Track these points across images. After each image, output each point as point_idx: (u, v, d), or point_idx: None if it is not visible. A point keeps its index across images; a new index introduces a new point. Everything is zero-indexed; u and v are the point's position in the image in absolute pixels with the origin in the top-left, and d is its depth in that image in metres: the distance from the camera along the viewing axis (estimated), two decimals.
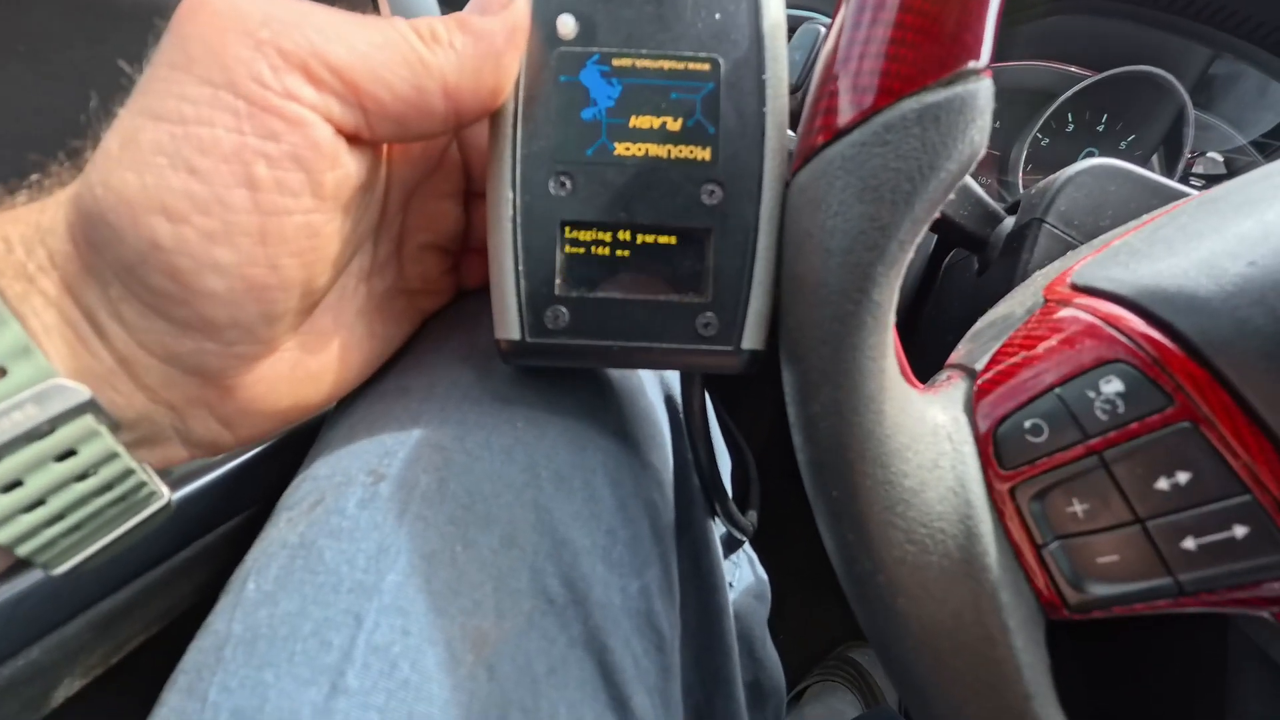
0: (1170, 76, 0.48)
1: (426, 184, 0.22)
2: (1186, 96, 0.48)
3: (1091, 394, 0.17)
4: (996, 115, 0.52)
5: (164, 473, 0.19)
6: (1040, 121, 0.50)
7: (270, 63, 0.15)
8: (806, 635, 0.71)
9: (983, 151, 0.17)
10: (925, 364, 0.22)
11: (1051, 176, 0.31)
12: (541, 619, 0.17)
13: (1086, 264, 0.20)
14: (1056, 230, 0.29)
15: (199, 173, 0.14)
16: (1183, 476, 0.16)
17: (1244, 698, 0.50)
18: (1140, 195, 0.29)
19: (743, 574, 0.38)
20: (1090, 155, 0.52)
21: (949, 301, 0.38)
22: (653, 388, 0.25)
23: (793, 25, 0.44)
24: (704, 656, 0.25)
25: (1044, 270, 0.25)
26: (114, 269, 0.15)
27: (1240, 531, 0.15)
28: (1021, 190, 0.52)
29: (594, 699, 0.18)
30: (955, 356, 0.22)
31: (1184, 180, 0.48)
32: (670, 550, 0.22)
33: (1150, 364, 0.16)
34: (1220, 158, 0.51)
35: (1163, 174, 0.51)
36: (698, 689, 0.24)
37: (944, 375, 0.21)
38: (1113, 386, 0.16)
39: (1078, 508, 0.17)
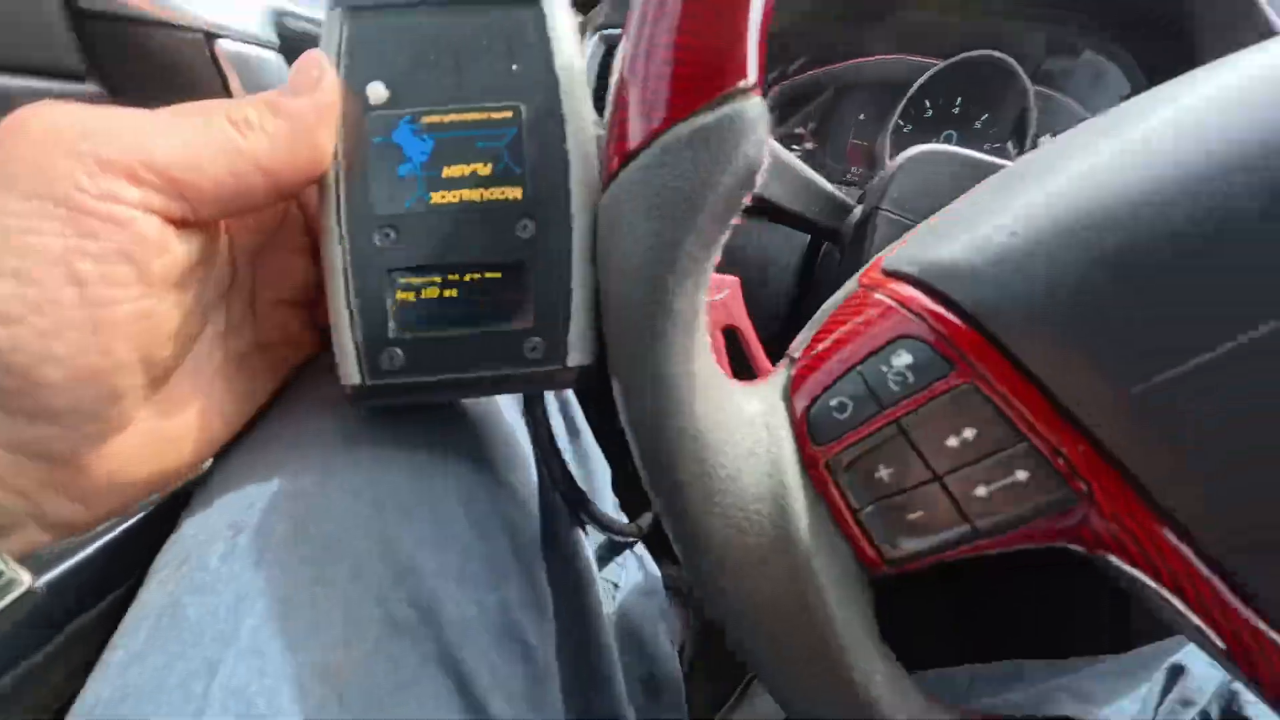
0: (1008, 59, 0.52)
1: (271, 243, 0.23)
2: (1025, 78, 0.52)
3: (885, 369, 0.18)
4: (861, 108, 0.56)
5: (34, 555, 0.19)
6: (898, 111, 0.53)
7: (88, 171, 0.16)
8: None
9: (761, 164, 0.18)
10: None
11: (887, 167, 0.33)
12: (388, 642, 0.18)
13: (897, 250, 0.22)
14: (894, 215, 0.32)
15: (26, 278, 0.15)
16: (969, 433, 0.17)
17: (1136, 613, 0.54)
18: (965, 174, 0.32)
19: (630, 574, 0.40)
20: (949, 138, 0.56)
21: (826, 291, 0.41)
22: (512, 412, 0.26)
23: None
24: (580, 658, 0.26)
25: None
26: None
27: (1022, 475, 0.17)
28: None
29: (448, 709, 0.19)
30: (791, 345, 0.24)
31: None
32: (535, 562, 0.23)
33: (935, 336, 0.18)
34: None
35: (1015, 154, 0.55)
36: (578, 692, 0.25)
37: (780, 364, 0.23)
38: (902, 360, 0.18)
39: (884, 473, 0.18)
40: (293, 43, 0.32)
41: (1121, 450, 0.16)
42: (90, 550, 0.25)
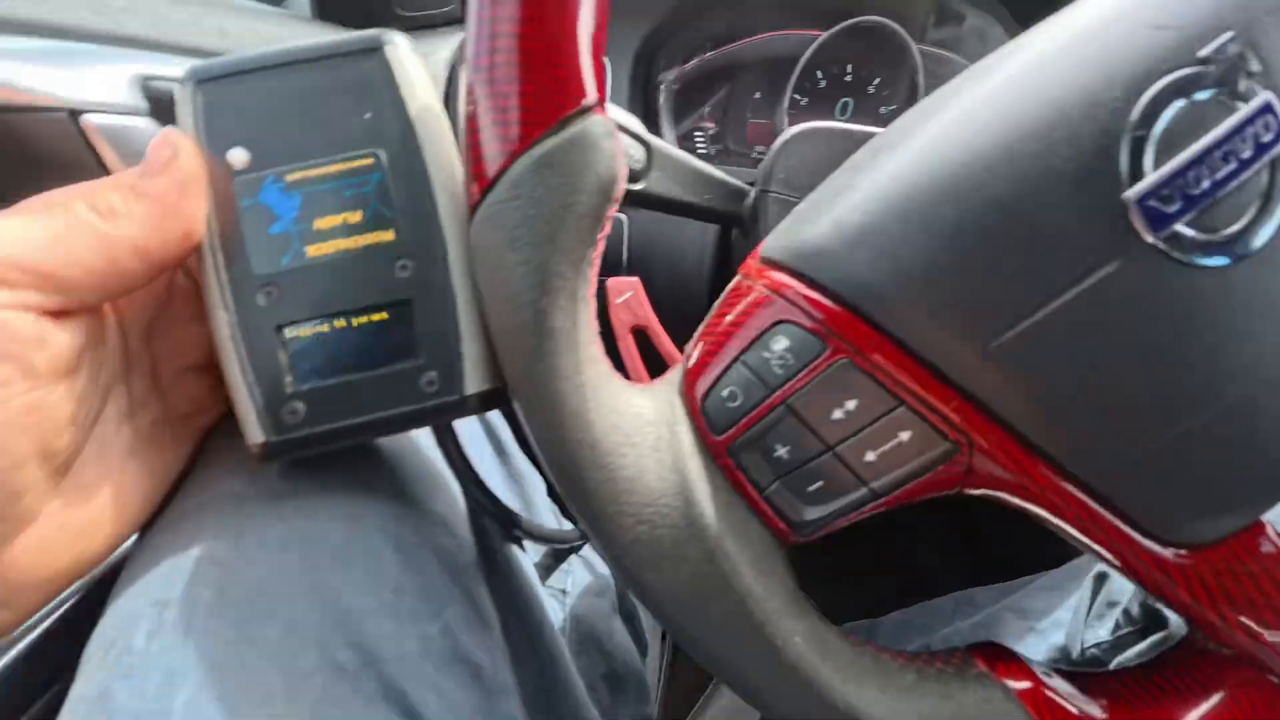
0: (889, 23, 0.54)
1: (164, 315, 0.22)
2: (909, 40, 0.54)
3: (767, 355, 0.19)
4: (754, 87, 0.56)
5: None
6: (790, 86, 0.55)
7: None
8: None
9: (616, 176, 0.19)
10: None
11: (769, 149, 0.34)
12: (334, 688, 0.19)
13: (771, 237, 0.23)
14: (782, 196, 0.33)
15: None
16: (851, 404, 0.19)
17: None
18: (845, 146, 0.33)
19: (577, 578, 0.41)
20: (845, 105, 0.58)
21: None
22: (429, 442, 0.27)
23: None
24: (537, 672, 0.27)
25: None
26: None
27: (905, 436, 0.19)
28: None
29: None
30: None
31: None
32: (474, 584, 0.24)
33: (806, 317, 0.19)
34: None
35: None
36: (541, 703, 0.26)
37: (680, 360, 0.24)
38: (781, 344, 0.19)
39: (781, 451, 0.20)
40: (163, 105, 0.31)
41: (990, 400, 0.18)
42: (22, 646, 0.25)
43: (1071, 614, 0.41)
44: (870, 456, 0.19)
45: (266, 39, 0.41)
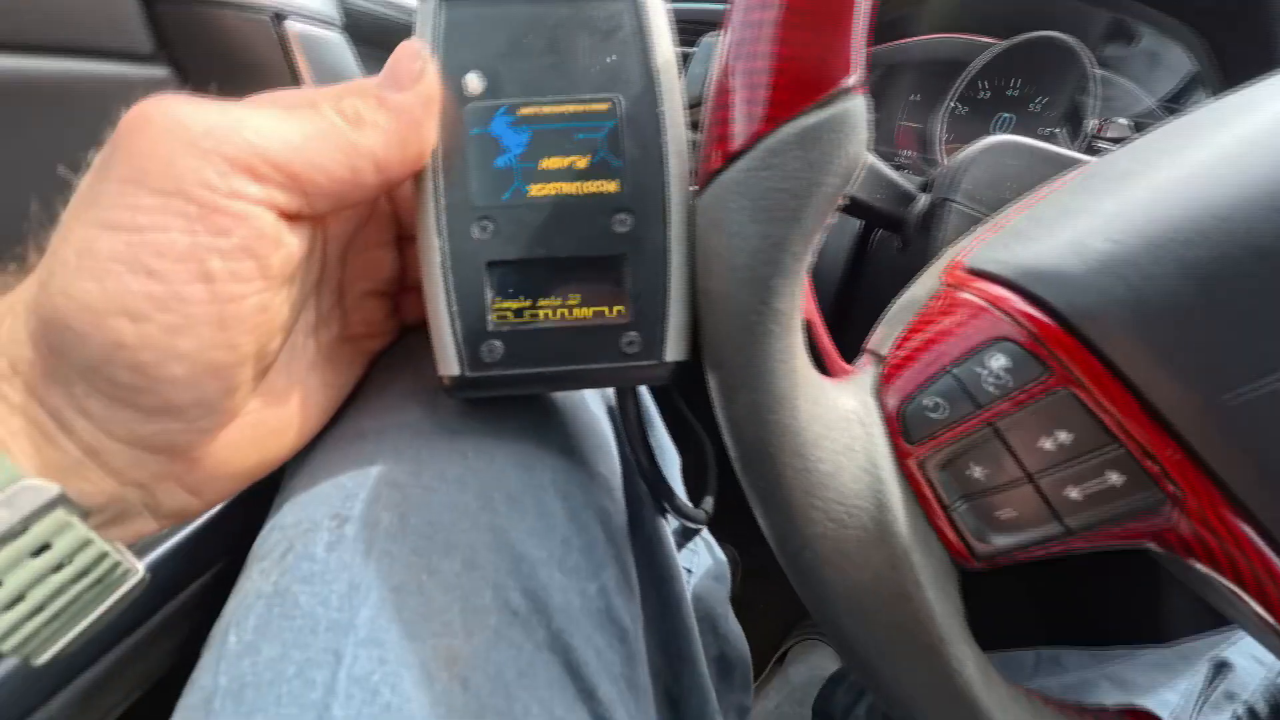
0: (1070, 40, 0.50)
1: (360, 236, 0.23)
2: (1087, 59, 0.51)
3: (981, 370, 0.18)
4: (913, 89, 0.54)
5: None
6: (954, 93, 0.52)
7: (216, 168, 0.16)
8: (785, 601, 0.74)
9: (863, 161, 0.18)
10: (859, 338, 0.24)
11: (956, 156, 0.32)
12: (507, 630, 0.19)
13: (979, 248, 0.22)
14: (963, 207, 0.31)
15: (157, 274, 0.15)
16: (1064, 436, 0.18)
17: (1175, 608, 0.55)
18: (1037, 166, 0.31)
19: (700, 560, 0.40)
20: (1005, 121, 0.55)
21: (878, 278, 0.40)
22: (595, 402, 0.26)
23: (698, 30, 0.45)
24: (668, 641, 0.27)
25: (950, 249, 0.27)
26: (78, 369, 0.16)
27: (1115, 478, 0.18)
28: (942, 159, 0.54)
29: (563, 694, 0.19)
30: (870, 341, 0.24)
31: (1092, 143, 0.51)
32: (625, 550, 0.24)
33: (1029, 339, 0.18)
34: (1127, 122, 0.53)
35: (1069, 141, 0.54)
36: (665, 671, 0.26)
37: (860, 360, 0.23)
38: (999, 362, 0.18)
39: (977, 471, 0.19)
40: (355, 21, 0.32)
41: (1211, 455, 0.17)
42: (180, 536, 0.26)
43: (1181, 697, 0.38)
44: (1073, 493, 0.18)
45: None
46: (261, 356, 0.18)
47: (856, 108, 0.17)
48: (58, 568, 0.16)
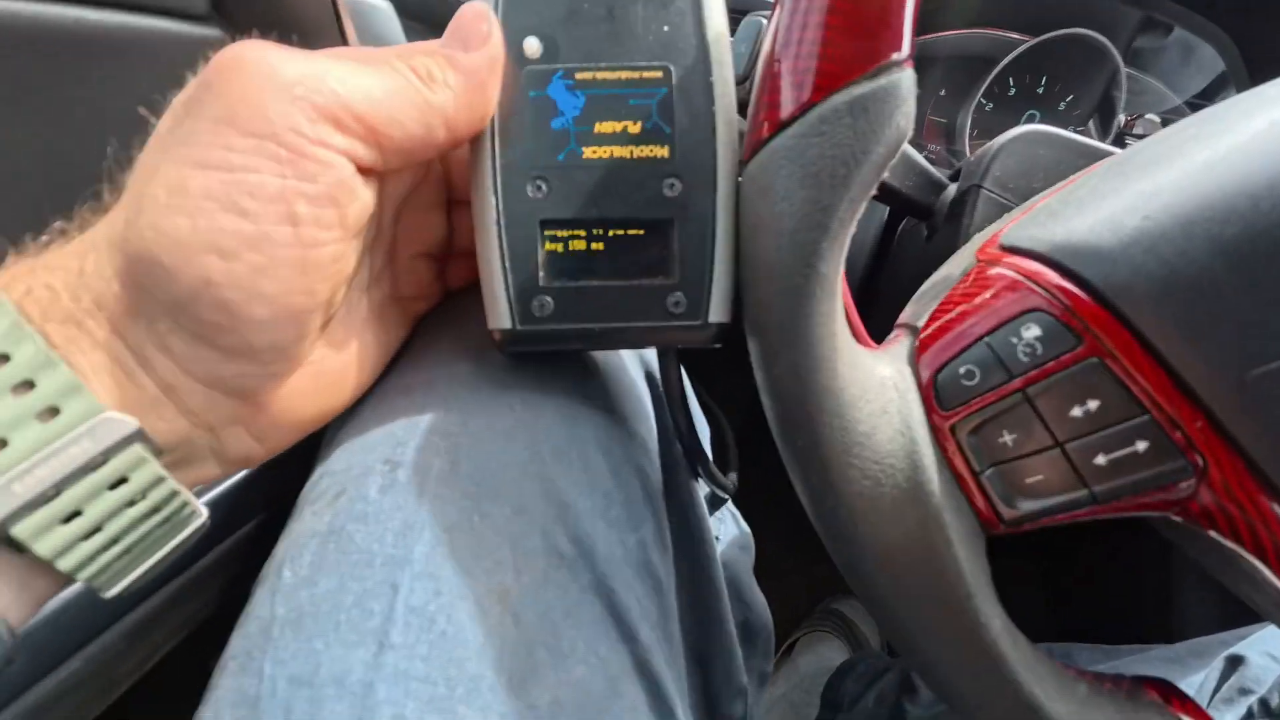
0: (1102, 38, 0.50)
1: (413, 197, 0.23)
2: (1118, 58, 0.51)
3: (1014, 340, 0.19)
4: (941, 83, 0.55)
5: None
6: (982, 88, 0.52)
7: (306, 115, 0.16)
8: (793, 592, 0.75)
9: (909, 134, 0.19)
10: (884, 324, 0.25)
11: (987, 145, 0.33)
12: (555, 572, 0.19)
13: (1013, 226, 0.22)
14: (993, 195, 0.31)
15: (248, 214, 0.16)
16: (1093, 404, 0.18)
17: (1186, 607, 0.55)
18: (1068, 157, 0.32)
19: (727, 529, 0.41)
20: (1032, 118, 0.55)
21: (903, 266, 0.41)
22: (634, 366, 0.27)
23: (737, 16, 0.45)
24: (698, 600, 0.27)
25: (980, 233, 0.28)
26: (164, 306, 0.16)
27: (1142, 446, 0.18)
28: (968, 154, 0.55)
29: (606, 634, 0.20)
30: (903, 316, 0.24)
31: (1120, 140, 0.51)
32: (660, 509, 0.24)
33: (1063, 310, 0.18)
34: (1157, 119, 0.53)
35: (1098, 135, 0.54)
36: (694, 628, 0.27)
37: (893, 334, 0.23)
38: (1032, 332, 0.19)
39: (1007, 438, 0.19)
40: None
41: (1236, 428, 0.17)
42: (223, 487, 0.27)
43: (1194, 691, 0.38)
44: (1100, 460, 0.19)
45: None
46: (330, 306, 0.19)
47: (906, 80, 0.18)
48: (132, 502, 0.17)
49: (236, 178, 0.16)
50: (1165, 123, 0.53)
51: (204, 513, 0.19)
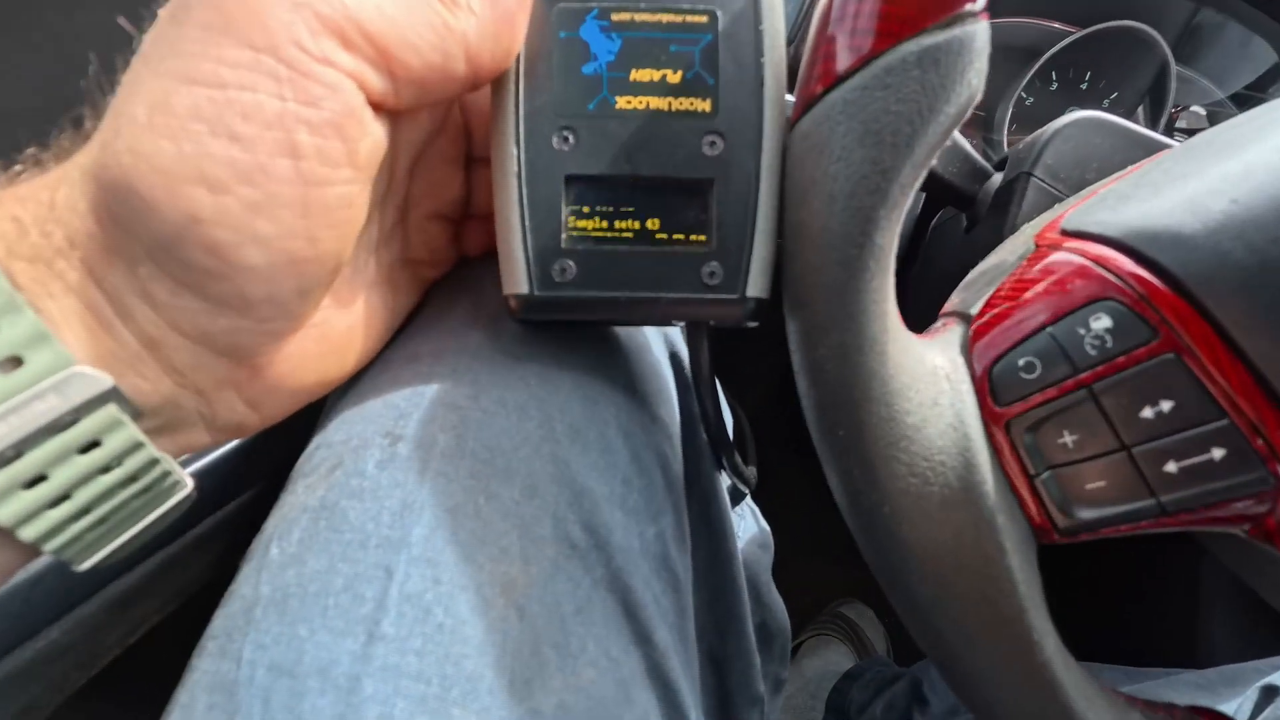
0: (1152, 31, 0.48)
1: (429, 150, 0.21)
2: (1168, 51, 0.48)
3: (1082, 330, 0.17)
4: None
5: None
6: (1026, 79, 0.50)
7: (309, 26, 0.14)
8: (801, 594, 0.73)
9: (980, 93, 0.17)
10: (914, 320, 0.23)
11: (1038, 131, 0.31)
12: (566, 563, 0.18)
13: (1076, 210, 0.21)
14: (1044, 183, 0.30)
15: (242, 140, 0.14)
16: (1166, 405, 0.17)
17: (1212, 630, 0.53)
18: (1125, 147, 0.30)
19: (747, 525, 0.40)
20: (1073, 113, 0.53)
21: (938, 259, 0.39)
22: (658, 345, 0.25)
23: None
24: (716, 599, 0.26)
25: (1033, 222, 0.26)
26: (145, 245, 0.14)
27: (1218, 454, 0.16)
28: (1006, 148, 0.53)
29: (619, 634, 0.18)
30: (950, 305, 0.22)
31: (1167, 133, 0.49)
32: (681, 500, 0.23)
33: (1137, 300, 0.17)
34: (1203, 111, 0.51)
35: (1147, 127, 0.52)
36: (711, 630, 0.25)
37: (939, 323, 0.22)
38: (1101, 323, 0.17)
39: (1068, 439, 0.18)
40: None
41: None
42: (219, 454, 0.26)
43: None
44: (1170, 468, 0.17)
45: None
46: (338, 261, 0.17)
47: (981, 33, 0.16)
48: (106, 469, 0.15)
49: (229, 95, 0.14)
50: (1211, 116, 0.51)
51: (189, 484, 0.18)
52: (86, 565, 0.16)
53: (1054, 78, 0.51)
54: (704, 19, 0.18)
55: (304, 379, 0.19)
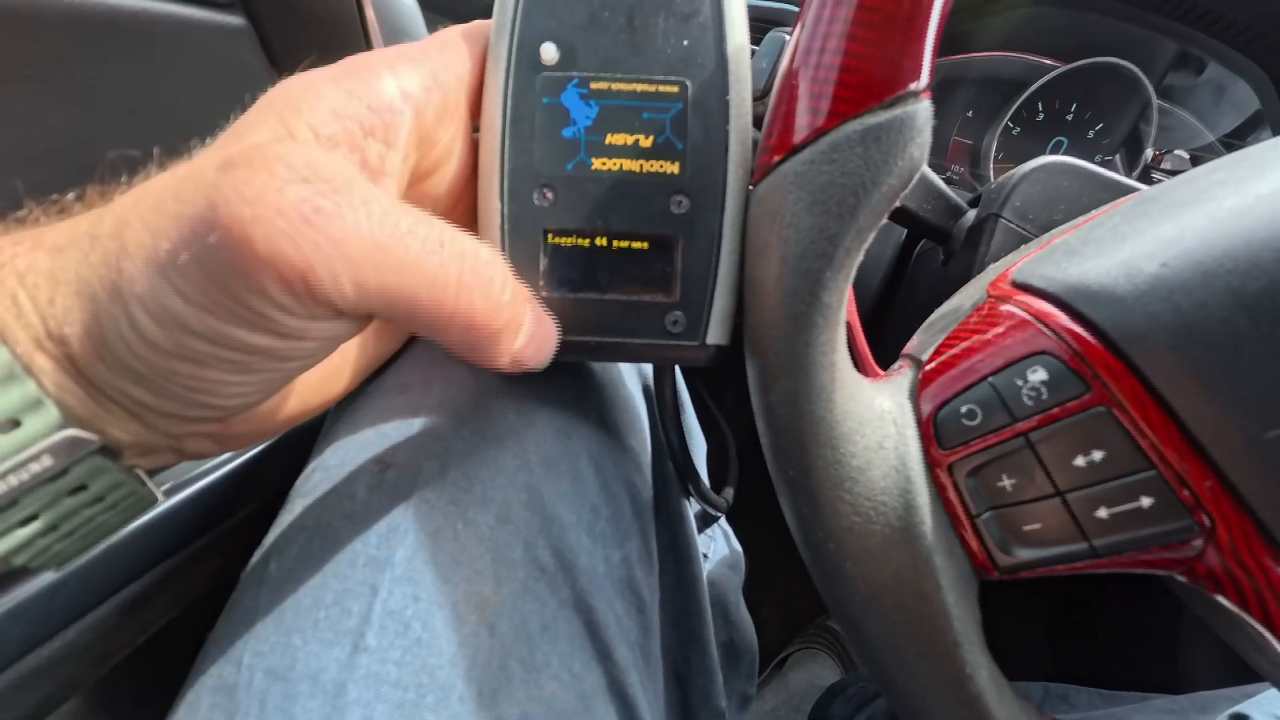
0: (1135, 69, 0.49)
1: (418, 201, 0.23)
2: (1150, 90, 0.50)
3: (1020, 382, 0.19)
4: (968, 105, 0.54)
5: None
6: (1011, 111, 0.51)
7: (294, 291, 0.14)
8: (789, 607, 0.74)
9: (922, 165, 0.19)
10: (895, 347, 0.24)
11: (1008, 174, 0.32)
12: (534, 584, 0.19)
13: (1026, 262, 0.22)
14: (1012, 224, 0.31)
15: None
16: (1097, 454, 0.18)
17: (1194, 659, 0.53)
18: (1091, 190, 0.31)
19: (718, 546, 0.41)
20: (1059, 145, 0.54)
21: (918, 289, 0.40)
22: (631, 379, 0.27)
23: (763, 27, 0.45)
24: (681, 619, 0.27)
25: (996, 264, 0.27)
26: (128, 378, 0.15)
27: (1146, 502, 0.17)
28: (992, 178, 0.54)
29: (582, 651, 0.20)
30: (909, 346, 0.24)
31: (1147, 174, 0.50)
32: (649, 525, 0.24)
33: (1072, 355, 0.18)
34: (1187, 155, 0.52)
35: (1125, 168, 0.53)
36: (675, 648, 0.27)
37: (897, 364, 0.23)
38: (1038, 375, 0.18)
39: (1006, 482, 0.19)
40: None
41: (1249, 490, 0.16)
42: (222, 473, 0.27)
43: None
44: (1101, 513, 0.18)
45: None
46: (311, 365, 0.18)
47: (922, 112, 0.18)
48: (90, 504, 0.16)
49: (219, 351, 0.15)
50: (1195, 160, 0.52)
51: (159, 497, 0.19)
52: (60, 571, 0.17)
53: (1041, 109, 0.52)
54: (675, 89, 0.20)
55: (285, 413, 0.20)
